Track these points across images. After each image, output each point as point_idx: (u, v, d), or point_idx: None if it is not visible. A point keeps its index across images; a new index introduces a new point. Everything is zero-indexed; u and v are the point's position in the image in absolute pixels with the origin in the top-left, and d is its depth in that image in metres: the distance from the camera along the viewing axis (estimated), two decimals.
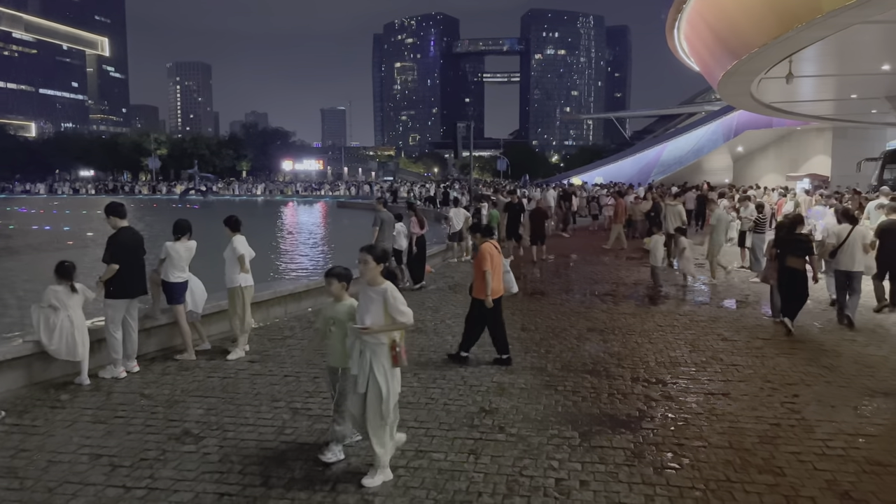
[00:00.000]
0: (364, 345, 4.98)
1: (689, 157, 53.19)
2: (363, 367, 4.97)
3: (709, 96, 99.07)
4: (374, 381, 4.92)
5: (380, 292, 4.99)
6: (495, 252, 8.03)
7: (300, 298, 11.04)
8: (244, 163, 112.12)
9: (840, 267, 10.03)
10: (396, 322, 4.98)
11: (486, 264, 7.85)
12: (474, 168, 48.42)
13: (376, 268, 5.07)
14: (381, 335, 4.96)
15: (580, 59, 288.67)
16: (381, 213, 12.85)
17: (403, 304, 5.01)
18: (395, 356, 4.96)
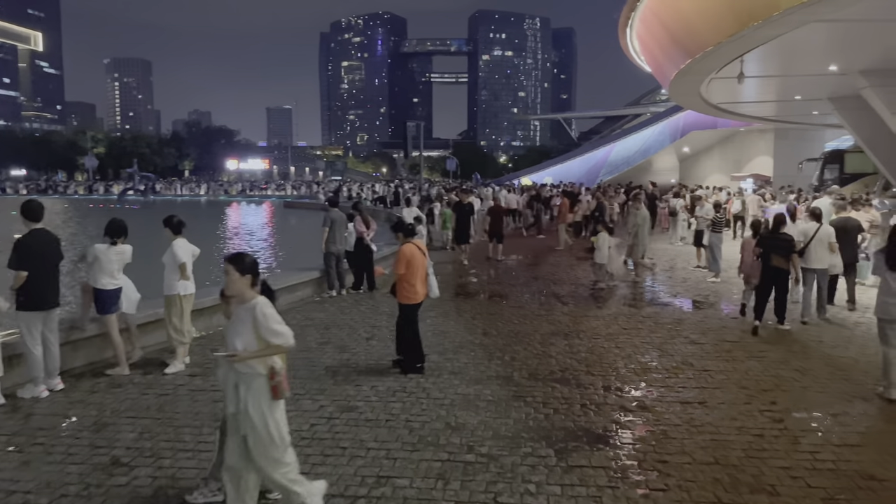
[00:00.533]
0: (238, 376, 4.11)
1: (636, 158, 53.81)
2: (238, 403, 4.10)
3: (654, 97, 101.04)
4: (249, 419, 4.05)
5: (248, 310, 4.10)
6: (417, 253, 7.56)
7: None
8: (187, 162, 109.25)
9: (808, 265, 9.98)
10: (271, 345, 4.07)
11: (402, 266, 7.41)
12: (424, 168, 48.37)
13: (242, 280, 4.15)
14: (256, 362, 4.07)
15: (527, 60, 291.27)
16: (332, 213, 12.21)
17: (278, 321, 4.12)
18: (274, 387, 4.08)
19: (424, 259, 7.74)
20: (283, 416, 4.21)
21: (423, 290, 7.72)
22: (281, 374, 4.11)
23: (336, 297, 12.02)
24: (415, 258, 7.49)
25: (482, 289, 13.04)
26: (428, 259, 7.90)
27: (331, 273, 12.12)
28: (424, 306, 11.09)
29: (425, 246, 8.13)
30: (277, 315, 4.17)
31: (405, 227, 7.93)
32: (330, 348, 8.49)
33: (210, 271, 16.34)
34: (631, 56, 26.08)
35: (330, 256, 12.09)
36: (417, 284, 7.58)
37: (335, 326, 9.73)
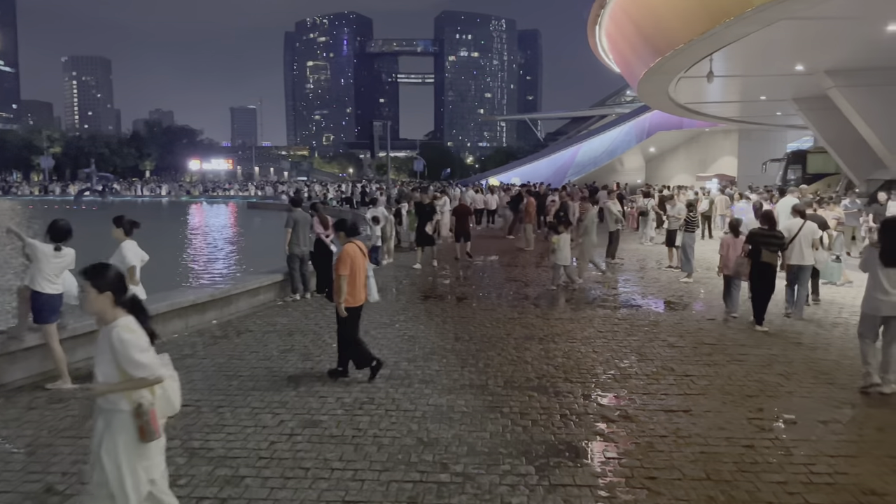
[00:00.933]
0: (99, 411, 3.49)
1: (603, 158, 54.04)
2: (92, 443, 3.50)
3: (619, 99, 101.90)
4: (98, 463, 3.41)
5: (106, 333, 3.45)
6: (358, 254, 7.13)
7: (204, 309, 9.76)
8: (148, 162, 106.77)
9: (791, 261, 9.95)
10: (133, 378, 3.39)
11: (343, 268, 6.95)
12: (391, 169, 47.85)
13: (100, 298, 3.46)
14: (119, 396, 3.41)
15: (493, 61, 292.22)
16: (295, 214, 11.69)
17: (140, 349, 3.40)
18: (141, 427, 3.40)
19: (365, 261, 7.33)
20: (147, 469, 3.51)
21: (363, 293, 7.30)
22: (149, 412, 3.41)
23: (300, 300, 11.50)
24: (356, 259, 7.06)
25: (452, 291, 12.64)
26: (368, 262, 7.49)
27: (294, 276, 11.60)
28: (393, 310, 10.74)
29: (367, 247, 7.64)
30: (141, 340, 3.46)
31: (347, 226, 7.45)
32: (293, 356, 8.00)
33: (172, 274, 15.70)
34: (599, 55, 26.00)
35: (293, 258, 11.57)
36: (358, 287, 7.14)
37: (299, 332, 9.22)
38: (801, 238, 9.93)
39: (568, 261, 12.84)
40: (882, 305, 6.53)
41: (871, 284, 6.65)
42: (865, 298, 6.74)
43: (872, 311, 6.64)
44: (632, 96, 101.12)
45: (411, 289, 12.87)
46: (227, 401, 6.40)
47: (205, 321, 9.73)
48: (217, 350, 8.33)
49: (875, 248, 6.72)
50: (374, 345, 8.43)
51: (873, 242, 6.88)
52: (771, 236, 9.47)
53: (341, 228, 7.41)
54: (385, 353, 8.06)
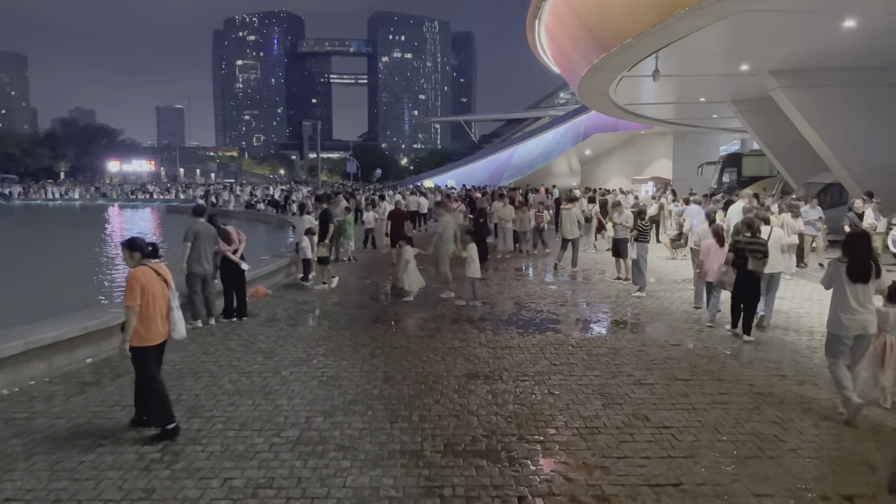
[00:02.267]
0: None
1: (539, 161, 53.36)
2: None
3: (553, 101, 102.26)
4: None
5: None
6: (153, 280, 5.73)
7: (74, 346, 7.95)
8: (63, 163, 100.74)
9: None
10: None
11: (132, 297, 5.55)
12: (323, 170, 45.88)
13: None
14: None
15: (427, 63, 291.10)
16: (196, 225, 9.93)
17: None
18: None
19: (165, 288, 5.90)
20: None
21: (164, 327, 5.89)
22: None
23: (202, 328, 9.75)
24: (150, 286, 5.63)
25: (384, 312, 11.10)
26: (172, 289, 6.05)
27: (195, 300, 9.84)
28: (313, 339, 9.12)
29: (167, 270, 6.07)
30: None
31: (140, 246, 5.93)
32: (178, 411, 6.31)
33: (57, 298, 13.45)
34: (538, 54, 24.91)
35: (194, 278, 9.81)
36: (156, 320, 5.74)
37: (191, 374, 7.51)
38: (771, 245, 9.45)
39: (478, 273, 11.69)
40: (850, 324, 6.09)
41: (837, 302, 6.20)
42: (831, 318, 6.27)
43: (839, 332, 6.17)
44: (565, 98, 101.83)
45: (337, 310, 11.27)
46: (68, 490, 4.71)
47: (76, 360, 7.92)
48: (80, 403, 6.58)
49: (841, 262, 6.22)
50: (285, 392, 6.84)
51: (839, 257, 6.30)
52: (755, 243, 9.01)
53: (135, 249, 5.87)
54: (297, 404, 6.49)
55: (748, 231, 9.18)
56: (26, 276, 17.97)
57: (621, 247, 14.01)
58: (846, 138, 19.14)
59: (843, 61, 17.74)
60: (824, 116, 19.35)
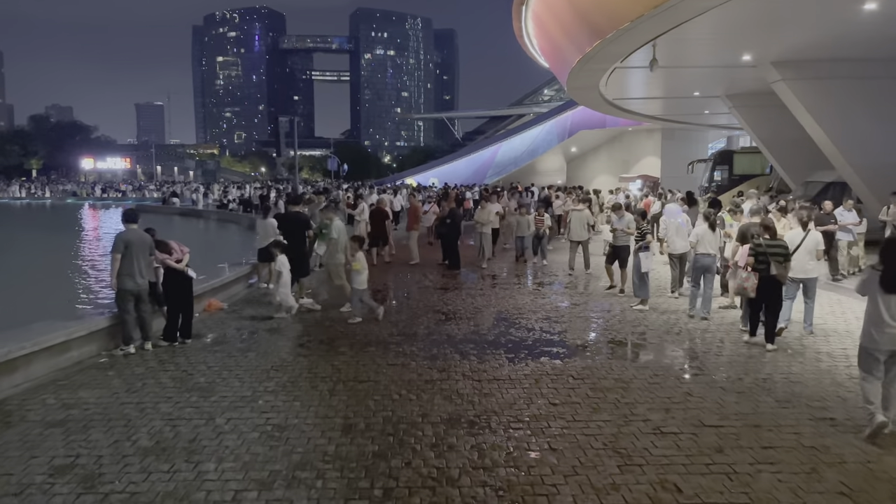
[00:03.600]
0: None
1: (524, 158, 51.95)
2: None
3: (537, 98, 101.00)
4: None
5: None
6: None
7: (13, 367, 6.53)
8: (34, 161, 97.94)
9: (793, 275, 9.05)
10: None
11: None
12: (303, 168, 44.30)
13: None
14: None
15: (409, 60, 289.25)
16: (127, 234, 8.40)
17: None
18: None
19: None
20: None
21: None
22: None
23: (134, 355, 8.23)
24: None
25: (350, 332, 9.63)
26: None
27: (127, 320, 8.32)
28: (262, 369, 7.60)
29: None
30: None
31: None
32: (65, 488, 4.82)
33: None
34: (524, 44, 23.49)
35: (125, 296, 8.29)
36: None
37: (103, 422, 6.01)
38: (806, 249, 9.13)
39: (365, 284, 10.35)
40: (882, 338, 5.63)
41: (870, 313, 5.75)
42: (864, 331, 5.82)
43: (870, 345, 5.73)
44: (549, 95, 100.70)
45: (296, 330, 9.80)
46: None
47: (11, 384, 6.49)
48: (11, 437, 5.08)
49: (876, 270, 5.76)
50: (215, 450, 5.39)
51: (875, 264, 5.76)
52: (777, 246, 8.60)
53: None
54: (227, 469, 5.03)
55: (766, 233, 8.68)
56: None
57: (621, 255, 12.63)
58: (851, 134, 17.95)
59: (850, 52, 16.55)
60: (829, 110, 18.16)
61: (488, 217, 16.52)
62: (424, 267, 15.88)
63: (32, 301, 12.65)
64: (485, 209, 16.64)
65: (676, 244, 12.14)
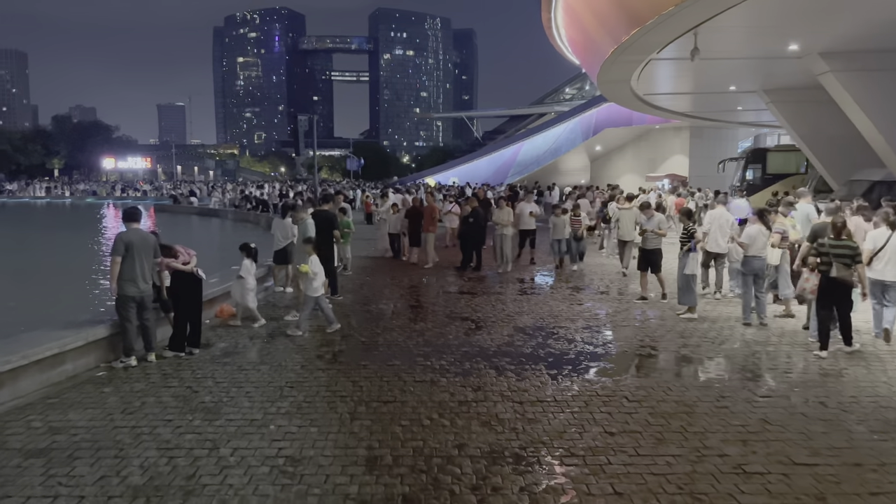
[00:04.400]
0: None
1: (546, 157, 50.86)
2: None
3: (558, 96, 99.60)
4: None
5: None
6: None
7: None
8: (56, 160, 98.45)
9: (875, 276, 8.57)
10: None
11: None
12: (322, 168, 43.60)
13: None
14: None
15: (428, 60, 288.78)
16: (128, 233, 7.62)
17: None
18: None
19: None
20: None
21: None
22: None
23: (136, 368, 7.45)
24: None
25: (374, 343, 8.78)
26: None
27: (128, 328, 7.53)
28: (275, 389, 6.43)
29: None
30: None
31: None
32: None
33: None
34: (552, 37, 22.59)
35: (126, 302, 7.50)
36: None
37: (92, 450, 5.20)
38: (891, 250, 8.49)
39: (321, 290, 9.27)
40: None
41: None
42: None
43: None
44: (571, 94, 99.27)
45: (314, 341, 8.97)
46: None
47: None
48: None
49: None
50: (216, 491, 4.54)
51: None
52: (842, 247, 8.00)
53: None
54: None
55: (833, 233, 8.16)
56: None
57: (653, 258, 11.64)
58: None
59: None
60: (880, 104, 17.06)
61: (508, 218, 15.15)
62: (444, 271, 15.00)
63: (32, 306, 11.99)
64: (503, 209, 15.34)
65: (718, 242, 11.35)
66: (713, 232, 11.39)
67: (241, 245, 9.81)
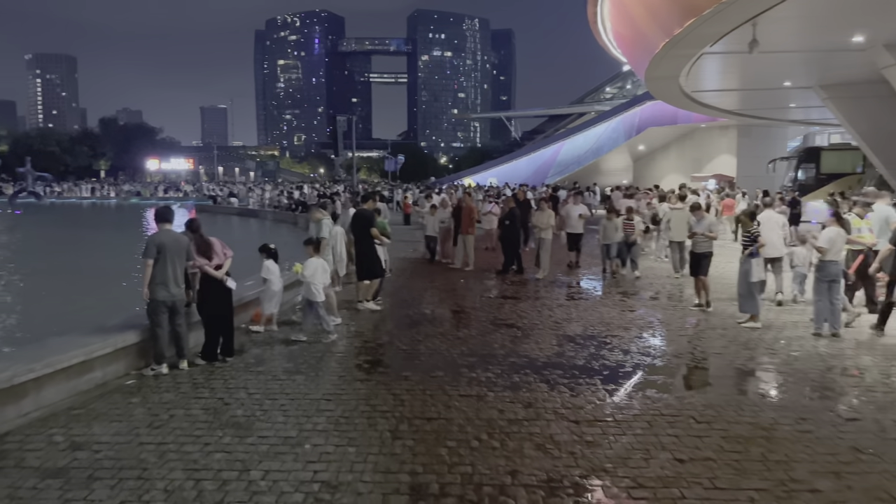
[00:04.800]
0: None
1: (588, 157, 49.86)
2: None
3: (599, 96, 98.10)
4: None
5: None
6: None
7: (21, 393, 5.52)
8: (103, 161, 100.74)
9: None
10: None
11: None
12: (360, 169, 43.55)
13: None
14: None
15: (466, 61, 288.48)
16: (160, 235, 7.27)
17: None
18: None
19: None
20: None
21: None
22: None
23: (166, 376, 7.09)
24: None
25: (416, 350, 8.30)
26: None
27: (159, 335, 7.18)
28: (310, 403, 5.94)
29: None
30: None
31: None
32: None
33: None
34: (597, 31, 21.89)
35: (158, 308, 7.15)
36: None
37: (110, 473, 4.80)
38: None
39: (321, 296, 8.73)
40: None
41: None
42: None
43: None
44: (611, 93, 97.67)
45: (353, 348, 8.53)
46: None
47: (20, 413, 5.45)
48: None
49: None
50: None
51: None
52: None
53: None
54: None
55: None
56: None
57: (702, 263, 10.90)
58: None
59: None
60: None
61: (548, 221, 14.27)
62: (484, 274, 14.45)
63: (66, 308, 11.82)
64: (544, 211, 14.52)
65: (776, 245, 10.89)
66: (767, 234, 10.63)
67: (261, 246, 9.35)
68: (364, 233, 10.32)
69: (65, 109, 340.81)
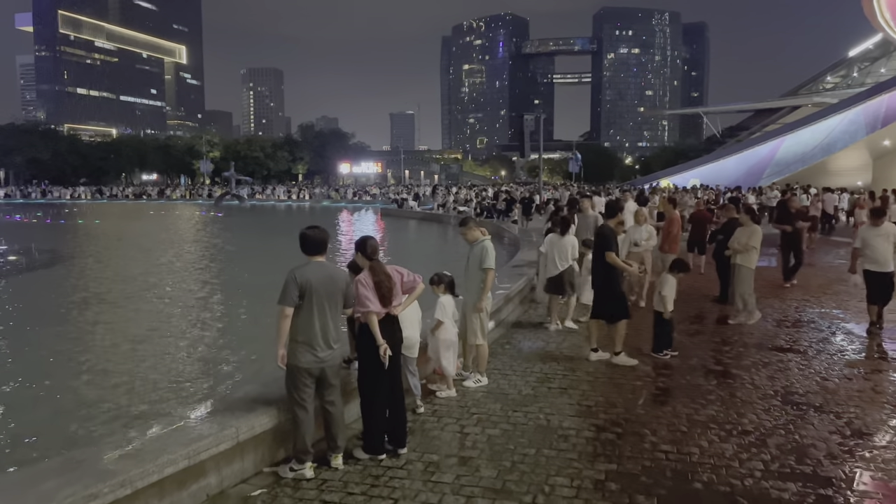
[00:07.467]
0: None
1: (815, 155, 42.81)
2: None
3: (816, 87, 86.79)
4: None
5: None
6: None
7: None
8: (300, 165, 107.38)
9: None
10: None
11: None
12: (543, 170, 40.94)
13: None
14: None
15: (655, 57, 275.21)
16: (305, 271, 4.77)
17: None
18: None
19: None
20: None
21: None
22: None
23: (309, 484, 4.64)
24: None
25: (683, 448, 5.22)
26: None
27: (301, 419, 4.75)
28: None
29: None
30: None
31: None
32: None
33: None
34: (872, 15, 17.16)
35: (299, 377, 4.73)
36: None
37: None
38: None
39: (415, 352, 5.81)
40: None
41: None
42: None
43: None
44: (832, 83, 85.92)
45: (584, 433, 5.62)
46: None
47: None
48: None
49: None
50: None
51: None
52: None
53: None
54: None
55: None
56: None
57: None
58: None
59: None
60: None
61: (754, 241, 9.55)
62: (698, 302, 10.77)
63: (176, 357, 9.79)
64: (748, 226, 9.70)
65: None
66: None
67: (433, 277, 6.47)
68: (601, 257, 7.38)
69: (272, 118, 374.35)
